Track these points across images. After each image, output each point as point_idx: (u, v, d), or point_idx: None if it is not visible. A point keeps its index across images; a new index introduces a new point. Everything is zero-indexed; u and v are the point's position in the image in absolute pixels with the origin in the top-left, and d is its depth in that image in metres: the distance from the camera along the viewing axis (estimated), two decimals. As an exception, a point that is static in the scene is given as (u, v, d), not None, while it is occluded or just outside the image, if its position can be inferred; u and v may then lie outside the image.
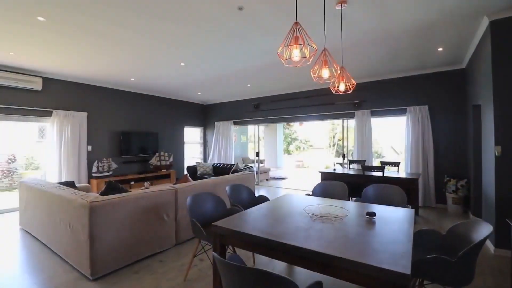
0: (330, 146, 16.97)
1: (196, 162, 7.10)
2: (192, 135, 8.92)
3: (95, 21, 3.04)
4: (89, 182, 5.66)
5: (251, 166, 8.39)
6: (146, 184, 4.59)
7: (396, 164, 5.09)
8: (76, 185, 4.27)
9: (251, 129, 11.76)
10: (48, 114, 5.21)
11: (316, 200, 2.57)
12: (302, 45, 1.59)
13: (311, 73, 2.23)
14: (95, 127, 5.96)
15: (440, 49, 4.01)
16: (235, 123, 8.26)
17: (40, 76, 5.04)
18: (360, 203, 2.47)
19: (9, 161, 6.24)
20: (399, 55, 4.28)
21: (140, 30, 3.30)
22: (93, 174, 5.71)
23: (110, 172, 5.95)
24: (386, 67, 4.99)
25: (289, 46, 1.59)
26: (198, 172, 6.82)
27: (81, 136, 5.59)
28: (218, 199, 2.73)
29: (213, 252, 1.37)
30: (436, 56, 4.36)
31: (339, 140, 15.46)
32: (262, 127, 12.60)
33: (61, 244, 2.78)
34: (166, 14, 2.91)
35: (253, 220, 1.94)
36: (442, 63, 4.72)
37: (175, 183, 3.65)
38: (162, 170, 7.00)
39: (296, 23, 1.65)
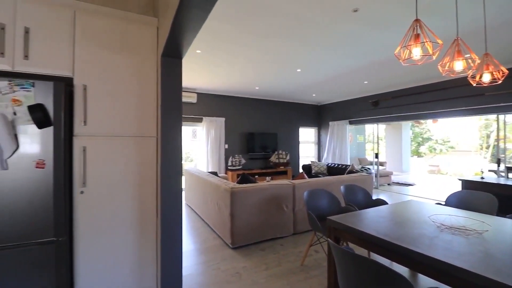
0: (481, 149, 13.24)
1: (311, 161, 7.38)
2: (306, 135, 9.28)
3: (232, 46, 3.85)
4: (226, 173, 7.06)
5: (369, 168, 7.84)
6: (267, 178, 5.28)
7: None
8: (218, 175, 5.46)
9: (369, 128, 10.90)
10: (200, 120, 6.89)
11: (447, 210, 2.28)
12: (424, 42, 1.52)
13: (439, 67, 2.00)
14: (230, 129, 7.34)
15: None
16: (350, 123, 7.97)
17: (195, 92, 6.75)
18: (514, 221, 2.01)
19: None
20: None
21: (263, 48, 3.90)
22: (228, 167, 7.08)
23: (240, 166, 7.17)
24: None
25: (408, 46, 1.56)
26: (313, 171, 7.07)
27: (220, 137, 7.06)
28: (333, 196, 2.89)
29: (328, 239, 1.58)
30: None
31: (495, 140, 11.83)
32: (382, 126, 11.42)
33: (211, 218, 3.72)
34: (286, 32, 3.32)
35: (369, 220, 1.99)
36: None
37: (292, 179, 4.06)
38: (280, 167, 7.71)
39: (417, 20, 1.59)
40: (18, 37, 1.59)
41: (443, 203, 2.75)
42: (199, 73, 5.29)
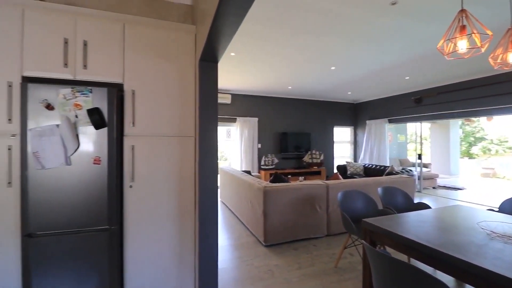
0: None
1: (346, 162, 7.14)
2: (341, 134, 8.98)
3: (265, 46, 3.90)
4: (259, 172, 7.16)
5: (411, 170, 7.33)
6: (300, 178, 5.25)
7: None
8: (251, 174, 5.56)
9: (411, 127, 10.17)
10: (234, 120, 7.09)
11: (499, 217, 2.07)
12: (471, 34, 1.39)
13: (490, 60, 1.81)
14: (263, 129, 7.43)
15: None
16: (390, 121, 7.53)
17: (230, 93, 6.95)
18: None
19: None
20: None
21: (297, 47, 3.88)
22: (261, 166, 7.17)
23: (273, 166, 7.22)
24: None
25: (452, 39, 1.45)
26: (348, 172, 6.83)
27: (254, 136, 7.19)
28: (369, 198, 2.79)
29: (363, 241, 1.54)
30: None
31: None
32: (426, 125, 10.58)
33: (244, 215, 3.82)
34: (320, 30, 3.27)
35: (409, 224, 1.90)
36: None
37: (326, 180, 3.98)
38: (314, 167, 7.59)
39: (462, 10, 1.47)
40: (78, 49, 1.82)
41: (496, 209, 2.49)
42: (233, 74, 5.45)
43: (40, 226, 1.69)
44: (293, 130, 7.84)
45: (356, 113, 8.83)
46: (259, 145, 7.34)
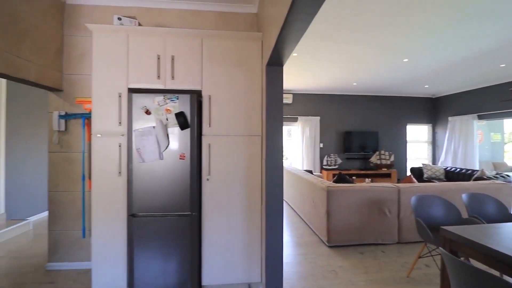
0: None
1: (422, 164, 6.40)
2: (416, 133, 8.04)
3: (330, 43, 3.83)
4: (320, 172, 7.02)
5: (508, 176, 6.09)
6: (367, 180, 4.96)
7: None
8: (313, 173, 5.52)
9: (510, 124, 8.38)
10: (295, 120, 7.12)
11: None
12: None
13: None
14: (325, 128, 7.25)
15: None
16: (480, 117, 6.41)
17: (291, 93, 7.01)
18: None
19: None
20: None
21: (364, 41, 3.69)
22: (323, 166, 7.01)
23: (336, 166, 6.98)
24: None
25: None
26: (425, 175, 6.12)
27: (315, 136, 7.09)
28: (450, 205, 2.49)
29: (442, 249, 1.42)
30: None
31: None
32: (535, 121, 8.55)
33: (306, 214, 3.84)
34: (390, 20, 3.05)
35: (502, 236, 1.66)
36: None
37: (397, 183, 3.68)
38: (382, 169, 7.03)
39: None
40: (167, 63, 2.17)
41: None
42: (295, 74, 5.50)
43: (140, 208, 2.09)
44: (358, 129, 7.40)
45: (435, 109, 7.78)
46: (321, 145, 7.19)
